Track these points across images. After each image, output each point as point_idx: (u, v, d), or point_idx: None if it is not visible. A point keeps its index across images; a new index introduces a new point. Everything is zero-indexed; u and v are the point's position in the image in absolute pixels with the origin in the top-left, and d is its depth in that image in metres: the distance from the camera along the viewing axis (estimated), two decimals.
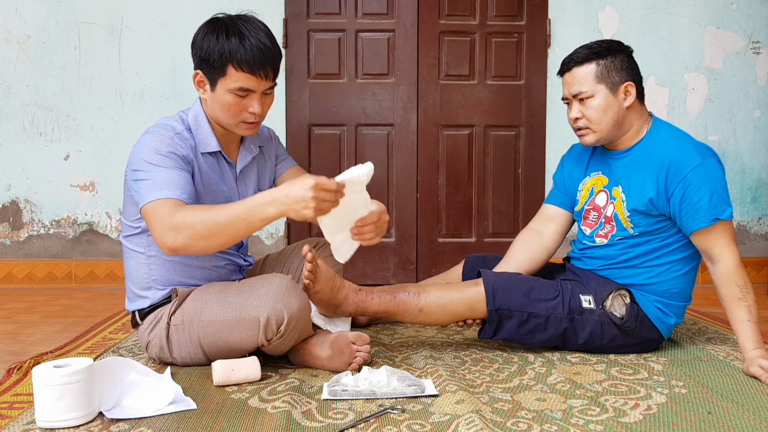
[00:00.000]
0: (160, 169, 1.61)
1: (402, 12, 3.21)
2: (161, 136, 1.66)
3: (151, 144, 1.64)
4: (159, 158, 1.62)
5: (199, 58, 1.67)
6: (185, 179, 1.63)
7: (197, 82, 1.70)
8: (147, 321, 1.76)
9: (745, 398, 1.53)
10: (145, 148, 1.64)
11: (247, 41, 1.62)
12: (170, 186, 1.58)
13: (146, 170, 1.61)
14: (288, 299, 1.61)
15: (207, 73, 1.67)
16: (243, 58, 1.62)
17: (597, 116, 1.82)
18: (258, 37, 1.64)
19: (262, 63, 1.63)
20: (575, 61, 1.83)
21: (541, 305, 1.83)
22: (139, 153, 1.65)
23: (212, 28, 1.66)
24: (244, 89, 1.65)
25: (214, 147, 1.74)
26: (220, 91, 1.66)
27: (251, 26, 1.65)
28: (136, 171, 1.63)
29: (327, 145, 3.25)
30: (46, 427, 1.35)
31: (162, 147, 1.64)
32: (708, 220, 1.74)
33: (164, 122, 1.73)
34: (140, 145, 1.66)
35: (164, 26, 3.17)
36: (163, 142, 1.65)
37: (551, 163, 3.21)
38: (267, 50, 1.64)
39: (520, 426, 1.36)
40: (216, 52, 1.62)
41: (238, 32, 1.63)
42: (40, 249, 3.23)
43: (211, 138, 1.74)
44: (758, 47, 3.24)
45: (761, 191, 3.30)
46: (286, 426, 1.37)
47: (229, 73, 1.63)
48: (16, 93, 3.17)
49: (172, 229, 1.52)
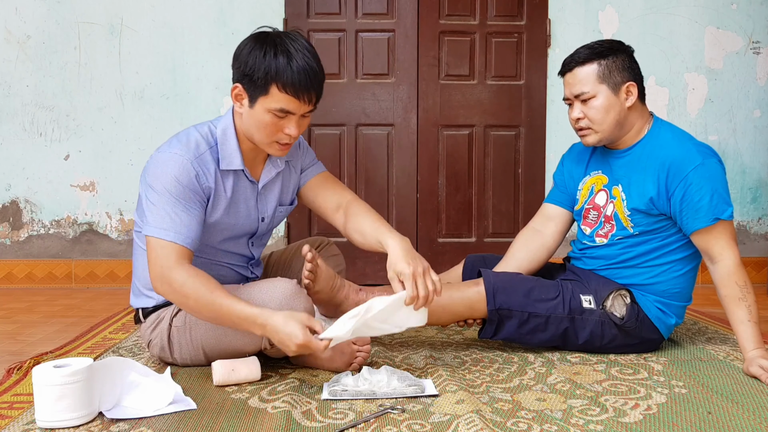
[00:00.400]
0: (176, 203, 1.58)
1: (402, 12, 3.21)
2: (183, 160, 1.61)
3: (173, 170, 1.60)
4: (177, 189, 1.59)
5: (242, 73, 1.60)
6: (196, 223, 1.61)
7: (235, 95, 1.64)
8: (149, 320, 1.76)
9: (745, 398, 1.53)
10: (167, 173, 1.59)
11: (295, 62, 1.56)
12: (179, 230, 1.57)
13: (161, 196, 1.58)
14: (293, 304, 1.61)
15: (248, 88, 1.61)
16: (288, 80, 1.56)
17: (599, 116, 1.81)
18: (306, 59, 1.58)
19: (307, 87, 1.58)
20: (577, 62, 1.82)
21: (541, 305, 1.83)
22: (159, 171, 1.60)
23: (260, 44, 1.59)
24: (284, 111, 1.59)
25: (237, 165, 1.69)
26: (258, 109, 1.61)
27: (299, 46, 1.59)
28: (151, 189, 1.61)
29: (327, 145, 3.25)
30: (46, 427, 1.35)
31: (183, 176, 1.60)
32: (708, 219, 1.73)
33: (191, 138, 1.67)
34: (163, 161, 1.61)
35: (164, 26, 3.17)
36: (184, 170, 1.60)
37: (551, 163, 3.21)
38: (314, 74, 1.59)
39: (520, 426, 1.36)
40: (261, 69, 1.56)
41: (286, 52, 1.57)
42: (40, 249, 3.23)
43: (235, 155, 1.69)
44: (758, 47, 3.24)
45: (761, 191, 3.30)
46: (286, 426, 1.37)
47: (272, 92, 1.58)
48: (16, 93, 3.17)
49: (167, 282, 1.55)
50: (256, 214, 1.78)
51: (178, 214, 1.58)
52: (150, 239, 1.59)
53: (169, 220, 1.58)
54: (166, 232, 1.57)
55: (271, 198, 1.81)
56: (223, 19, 3.17)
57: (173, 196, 1.59)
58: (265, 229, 1.84)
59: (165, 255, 1.55)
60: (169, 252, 1.56)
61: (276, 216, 1.86)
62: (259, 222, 1.80)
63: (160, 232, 1.57)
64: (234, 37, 3.15)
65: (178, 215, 1.58)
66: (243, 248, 1.82)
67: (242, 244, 1.81)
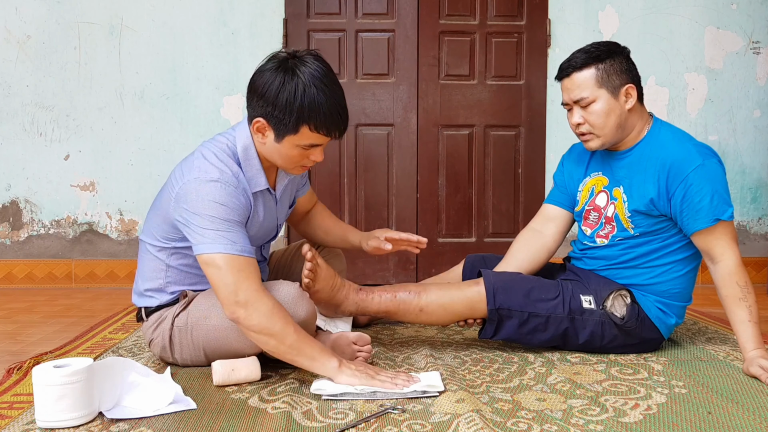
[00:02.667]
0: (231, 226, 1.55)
1: (402, 12, 3.21)
2: (226, 186, 1.57)
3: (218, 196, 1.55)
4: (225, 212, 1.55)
5: (269, 113, 1.56)
6: (246, 237, 1.58)
7: (256, 128, 1.60)
8: (152, 319, 1.76)
9: (745, 398, 1.53)
10: (212, 201, 1.55)
11: (325, 102, 1.53)
12: (245, 245, 1.55)
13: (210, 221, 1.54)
14: (295, 307, 1.61)
15: (275, 126, 1.57)
16: (321, 122, 1.54)
17: (600, 121, 1.80)
18: (335, 96, 1.55)
19: (338, 125, 1.58)
20: (574, 67, 1.80)
21: (541, 305, 1.83)
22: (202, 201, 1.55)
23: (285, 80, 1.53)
24: (314, 145, 1.60)
25: (263, 185, 1.67)
26: (287, 145, 1.59)
27: (325, 79, 1.55)
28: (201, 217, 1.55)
29: (327, 145, 3.23)
30: (46, 427, 1.35)
31: (229, 201, 1.56)
32: (709, 220, 1.73)
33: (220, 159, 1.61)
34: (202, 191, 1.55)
35: (164, 26, 3.17)
36: (230, 195, 1.57)
37: (551, 163, 3.21)
38: (344, 112, 1.58)
39: (520, 426, 1.36)
40: (294, 112, 1.53)
41: (314, 88, 1.52)
42: (40, 249, 3.23)
43: (260, 176, 1.66)
44: (758, 47, 3.24)
45: (761, 191, 3.30)
46: (286, 426, 1.37)
47: (302, 132, 1.56)
48: (16, 93, 3.17)
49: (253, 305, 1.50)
50: (275, 222, 1.81)
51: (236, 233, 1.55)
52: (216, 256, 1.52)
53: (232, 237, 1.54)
54: (235, 247, 1.53)
55: (285, 203, 1.85)
56: (223, 19, 3.17)
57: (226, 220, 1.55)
58: (278, 233, 1.88)
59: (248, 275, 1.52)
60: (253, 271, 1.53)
61: (286, 217, 1.92)
62: (277, 227, 1.84)
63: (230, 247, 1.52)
64: (234, 37, 3.15)
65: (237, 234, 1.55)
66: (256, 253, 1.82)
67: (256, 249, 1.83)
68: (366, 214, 3.27)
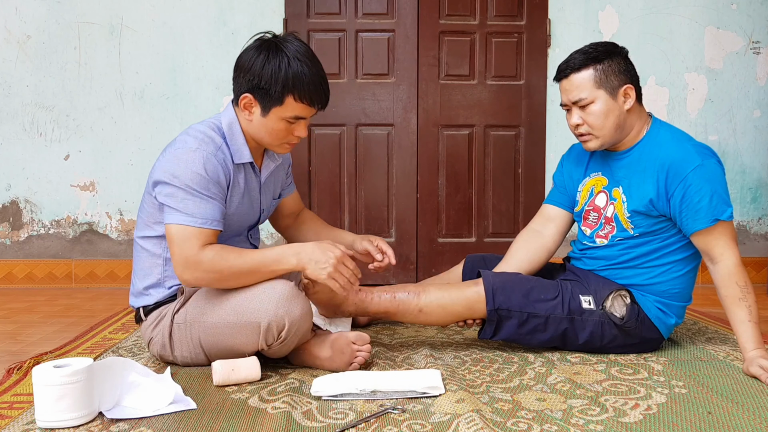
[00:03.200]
0: (200, 197, 1.61)
1: (402, 12, 3.21)
2: (205, 153, 1.64)
3: (196, 166, 1.62)
4: (202, 183, 1.61)
5: (255, 85, 1.64)
6: (220, 210, 1.65)
7: (243, 105, 1.68)
8: (151, 317, 1.76)
9: (745, 398, 1.53)
10: (190, 169, 1.61)
11: (308, 72, 1.63)
12: (205, 215, 1.61)
13: (183, 190, 1.60)
14: (290, 306, 1.61)
15: (261, 99, 1.66)
16: (305, 90, 1.63)
17: (599, 122, 1.80)
18: (318, 69, 1.66)
19: (320, 95, 1.67)
20: (572, 68, 1.80)
21: (540, 305, 1.83)
22: (181, 168, 1.61)
23: (269, 55, 1.63)
24: (298, 117, 1.67)
25: (247, 158, 1.74)
26: (272, 117, 1.67)
27: (305, 54, 1.64)
28: (170, 185, 1.62)
29: (327, 145, 3.25)
30: (46, 427, 1.35)
31: (208, 169, 1.62)
32: (708, 221, 1.73)
33: (203, 133, 1.69)
34: (184, 159, 1.62)
35: (164, 26, 3.17)
36: (208, 161, 1.63)
37: (551, 163, 3.21)
38: (325, 83, 1.68)
39: (520, 426, 1.36)
40: (279, 82, 1.62)
41: (297, 62, 1.62)
42: (40, 249, 3.23)
43: (244, 149, 1.73)
44: (758, 47, 3.24)
45: (761, 191, 3.30)
46: (286, 426, 1.37)
47: (287, 102, 1.64)
48: (16, 93, 3.17)
49: (193, 267, 1.59)
50: (258, 205, 1.84)
51: (200, 204, 1.61)
52: (172, 227, 1.61)
53: (192, 208, 1.60)
54: (192, 219, 1.60)
55: (269, 191, 1.88)
56: (223, 19, 3.17)
57: (196, 190, 1.61)
58: (262, 220, 1.92)
59: (190, 243, 1.59)
60: (195, 239, 1.59)
61: (270, 209, 1.94)
62: (260, 213, 1.87)
63: (185, 218, 1.60)
64: (234, 37, 3.15)
65: (200, 205, 1.61)
66: (244, 243, 1.86)
67: (243, 239, 1.86)
68: (366, 214, 3.27)
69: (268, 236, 3.24)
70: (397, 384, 1.54)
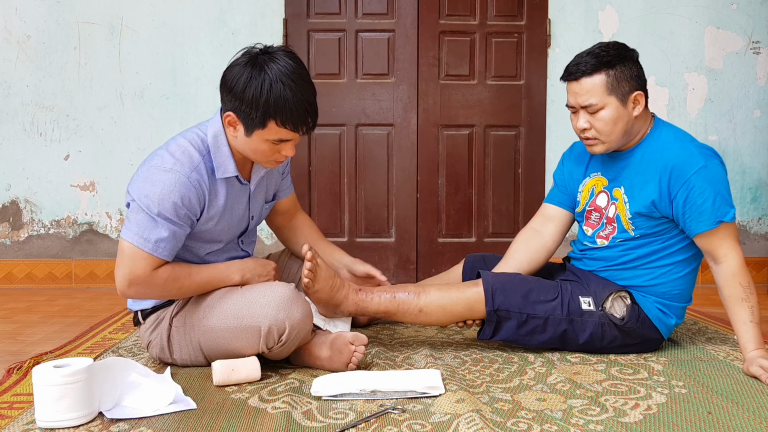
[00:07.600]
0: (161, 223, 1.58)
1: (402, 12, 3.20)
2: (178, 175, 1.59)
3: (166, 187, 1.57)
4: (168, 207, 1.57)
5: (237, 107, 1.58)
6: (179, 237, 1.63)
7: (228, 122, 1.62)
8: (149, 321, 1.76)
9: (745, 398, 1.53)
10: (161, 194, 1.57)
11: (292, 97, 1.55)
12: (159, 242, 1.58)
13: (147, 213, 1.58)
14: (290, 309, 1.61)
15: (244, 120, 1.59)
16: (288, 117, 1.56)
17: (607, 128, 1.78)
18: (303, 92, 1.56)
19: (305, 120, 1.59)
20: (583, 71, 1.76)
21: (540, 306, 1.83)
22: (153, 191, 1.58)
23: (252, 75, 1.55)
24: (282, 140, 1.61)
25: (231, 172, 1.68)
26: (256, 139, 1.61)
27: (293, 75, 1.56)
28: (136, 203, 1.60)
29: (327, 145, 3.25)
30: (46, 427, 1.35)
31: (179, 191, 1.58)
32: (712, 222, 1.73)
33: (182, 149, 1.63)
34: (158, 181, 1.58)
35: (164, 26, 3.17)
36: (180, 184, 1.58)
37: (551, 163, 3.21)
38: (311, 108, 1.59)
39: (520, 426, 1.36)
40: (260, 107, 1.55)
41: (281, 84, 1.54)
42: (40, 249, 3.23)
43: (229, 162, 1.67)
44: (758, 47, 3.24)
45: (761, 191, 3.30)
46: (286, 426, 1.37)
47: (270, 127, 1.58)
48: (16, 93, 3.17)
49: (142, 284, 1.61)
50: (247, 213, 1.80)
51: (159, 231, 1.58)
52: (125, 243, 1.60)
53: (150, 232, 1.58)
54: (146, 243, 1.58)
55: (259, 197, 1.84)
56: (223, 19, 3.17)
57: (161, 214, 1.58)
58: (253, 226, 1.88)
59: (142, 264, 1.59)
60: (145, 261, 1.59)
61: (262, 213, 1.91)
62: (249, 221, 1.83)
63: (140, 240, 1.58)
64: (234, 37, 3.15)
65: (159, 231, 1.58)
66: (235, 249, 1.83)
67: (233, 246, 1.82)
68: (366, 214, 3.27)
69: (267, 236, 3.24)
70: (397, 384, 1.54)
